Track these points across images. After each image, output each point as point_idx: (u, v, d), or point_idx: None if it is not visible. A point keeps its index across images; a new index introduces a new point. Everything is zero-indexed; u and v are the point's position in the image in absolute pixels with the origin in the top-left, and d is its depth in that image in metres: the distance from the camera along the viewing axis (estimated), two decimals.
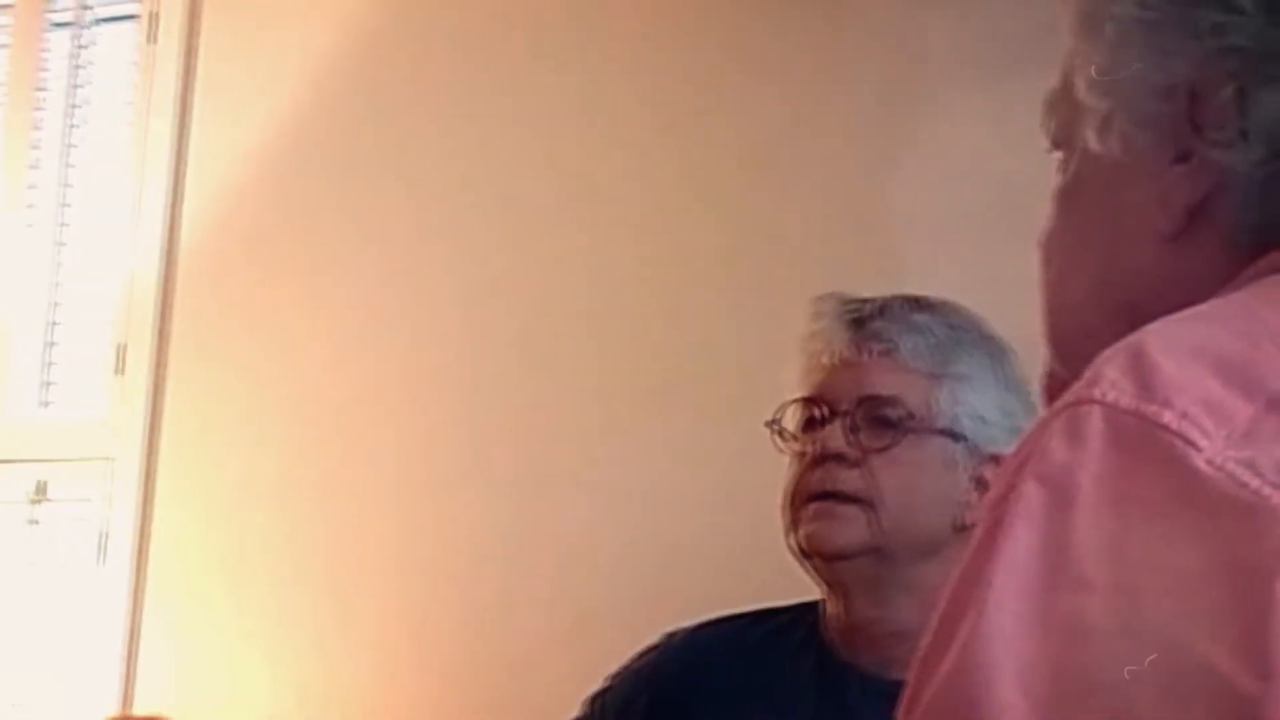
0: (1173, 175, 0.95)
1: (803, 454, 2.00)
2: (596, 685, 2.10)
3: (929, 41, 2.91)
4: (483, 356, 3.09)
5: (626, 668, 2.08)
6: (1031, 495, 0.78)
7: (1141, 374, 0.78)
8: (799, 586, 2.04)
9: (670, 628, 2.10)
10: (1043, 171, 1.07)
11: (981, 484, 1.95)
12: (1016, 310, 1.12)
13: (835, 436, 1.97)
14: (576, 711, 2.09)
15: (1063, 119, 1.03)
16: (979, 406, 1.99)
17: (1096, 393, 0.79)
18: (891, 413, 1.97)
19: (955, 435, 1.98)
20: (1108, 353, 0.81)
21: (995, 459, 1.94)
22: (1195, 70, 0.94)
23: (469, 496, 3.06)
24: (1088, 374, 0.81)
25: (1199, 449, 0.75)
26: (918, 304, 2.04)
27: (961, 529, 1.93)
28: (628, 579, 2.92)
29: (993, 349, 2.03)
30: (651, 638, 2.10)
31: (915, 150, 2.90)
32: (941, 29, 2.87)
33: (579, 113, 3.10)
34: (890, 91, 2.94)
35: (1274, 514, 0.73)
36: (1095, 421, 0.78)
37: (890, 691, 0.80)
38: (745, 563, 2.62)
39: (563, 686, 2.14)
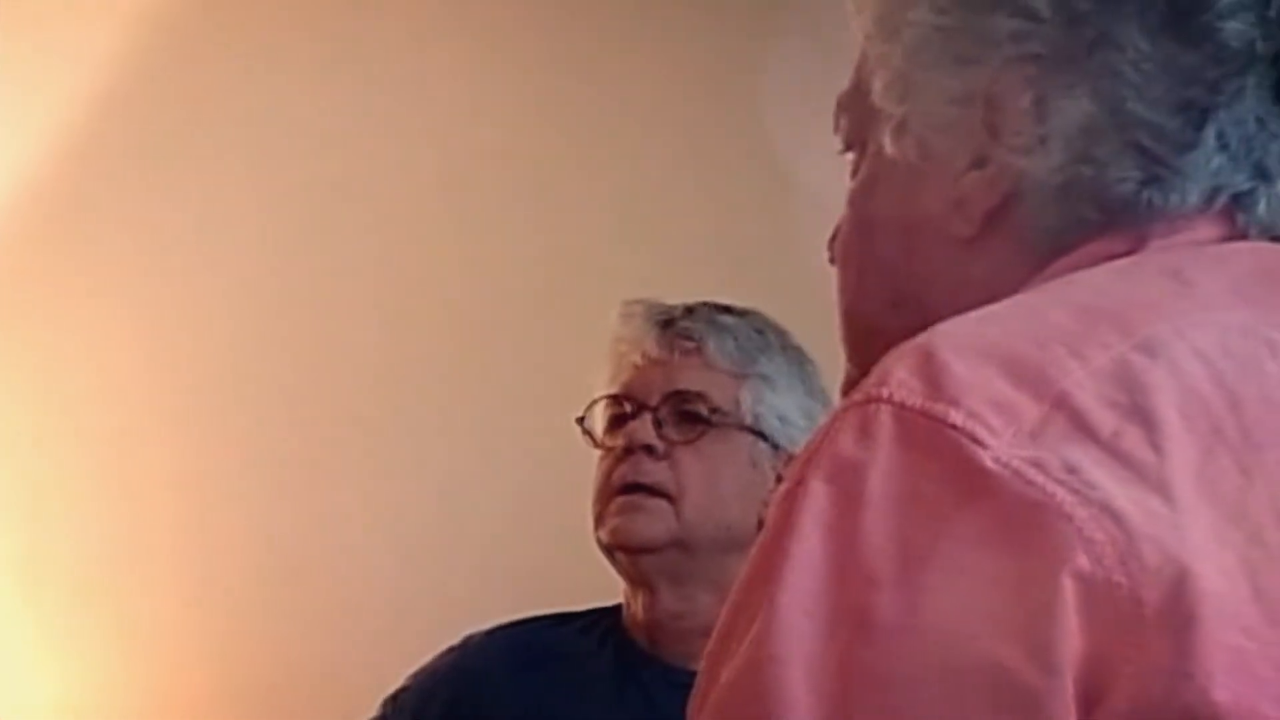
0: (969, 180, 0.94)
1: (610, 449, 2.02)
2: (394, 686, 2.09)
3: (743, 44, 2.94)
4: (276, 357, 3.03)
5: (425, 668, 2.08)
6: (820, 493, 0.77)
7: (930, 373, 0.78)
8: (602, 590, 2.05)
9: (470, 630, 2.09)
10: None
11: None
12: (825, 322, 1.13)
13: (642, 429, 1.99)
14: (374, 712, 2.08)
15: (855, 121, 1.02)
16: (782, 407, 2.02)
17: (885, 391, 0.78)
18: (698, 407, 2.00)
19: (759, 433, 2.00)
20: (897, 351, 0.81)
21: None
22: (993, 77, 0.93)
23: (265, 499, 3.00)
24: (877, 371, 0.80)
25: (986, 447, 0.75)
26: (725, 309, 2.07)
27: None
28: (428, 581, 2.89)
29: (796, 357, 2.06)
30: (451, 640, 2.09)
31: (735, 156, 2.94)
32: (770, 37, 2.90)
33: (378, 112, 3.05)
34: (714, 96, 2.98)
35: (1059, 511, 0.74)
36: (884, 420, 0.77)
37: (690, 683, 0.79)
38: (547, 568, 2.62)
39: (360, 689, 2.13)
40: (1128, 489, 0.75)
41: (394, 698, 2.08)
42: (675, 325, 2.03)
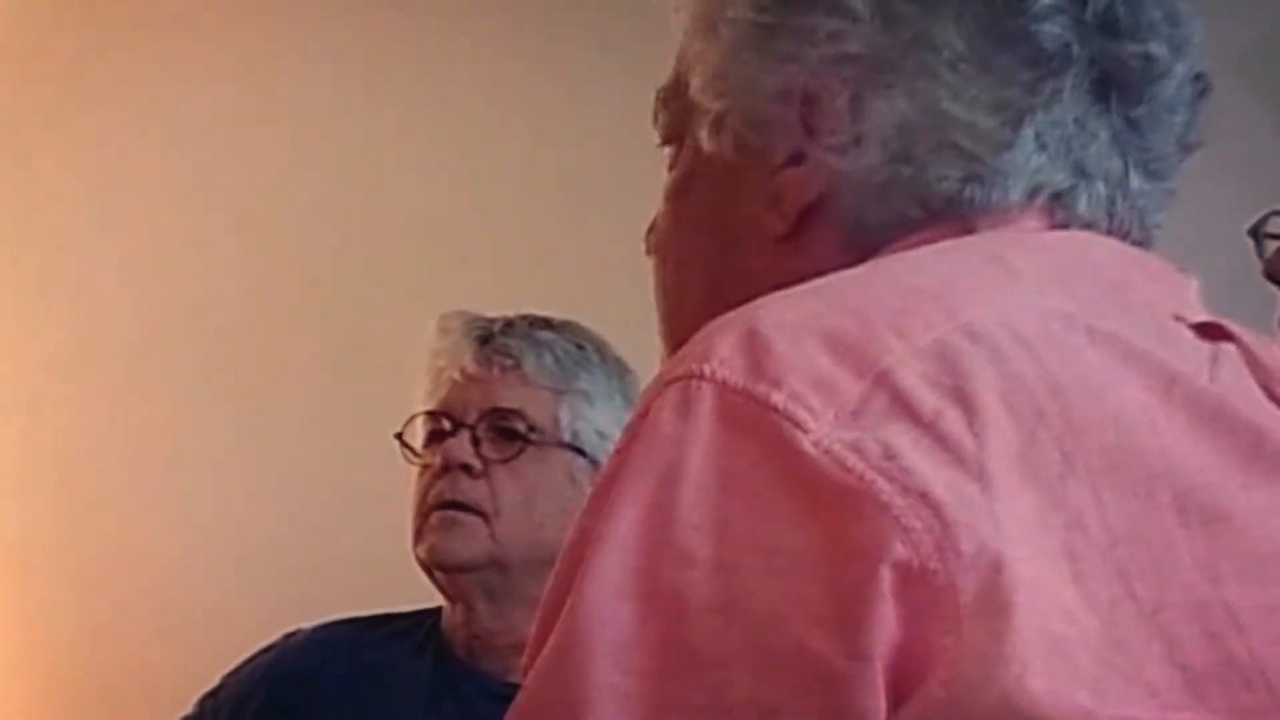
0: (785, 177, 0.93)
1: (428, 466, 2.01)
2: (210, 685, 2.06)
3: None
4: (104, 355, 2.99)
5: (242, 666, 2.06)
6: (638, 470, 0.76)
7: (752, 352, 0.77)
8: (422, 593, 2.03)
9: (289, 629, 2.08)
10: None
11: None
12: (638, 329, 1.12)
13: (459, 447, 1.97)
14: (189, 710, 2.06)
15: (673, 116, 1.01)
16: (600, 422, 2.02)
17: (708, 369, 0.77)
18: (515, 425, 1.99)
19: (577, 450, 2.00)
20: (720, 322, 0.80)
21: None
22: (810, 75, 0.92)
23: (86, 498, 2.97)
24: (700, 342, 0.79)
25: (806, 431, 0.74)
26: (543, 323, 2.06)
27: None
28: (249, 581, 2.86)
29: (614, 369, 2.06)
30: (269, 638, 2.08)
31: (555, 165, 2.95)
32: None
33: (194, 106, 3.01)
34: (533, 104, 2.98)
35: (876, 500, 0.73)
36: (705, 398, 0.76)
37: (507, 694, 0.78)
38: (368, 568, 2.60)
39: (176, 687, 2.11)
40: (945, 474, 0.74)
41: (211, 695, 2.05)
42: (493, 341, 2.03)
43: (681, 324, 0.98)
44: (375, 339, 2.83)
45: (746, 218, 0.95)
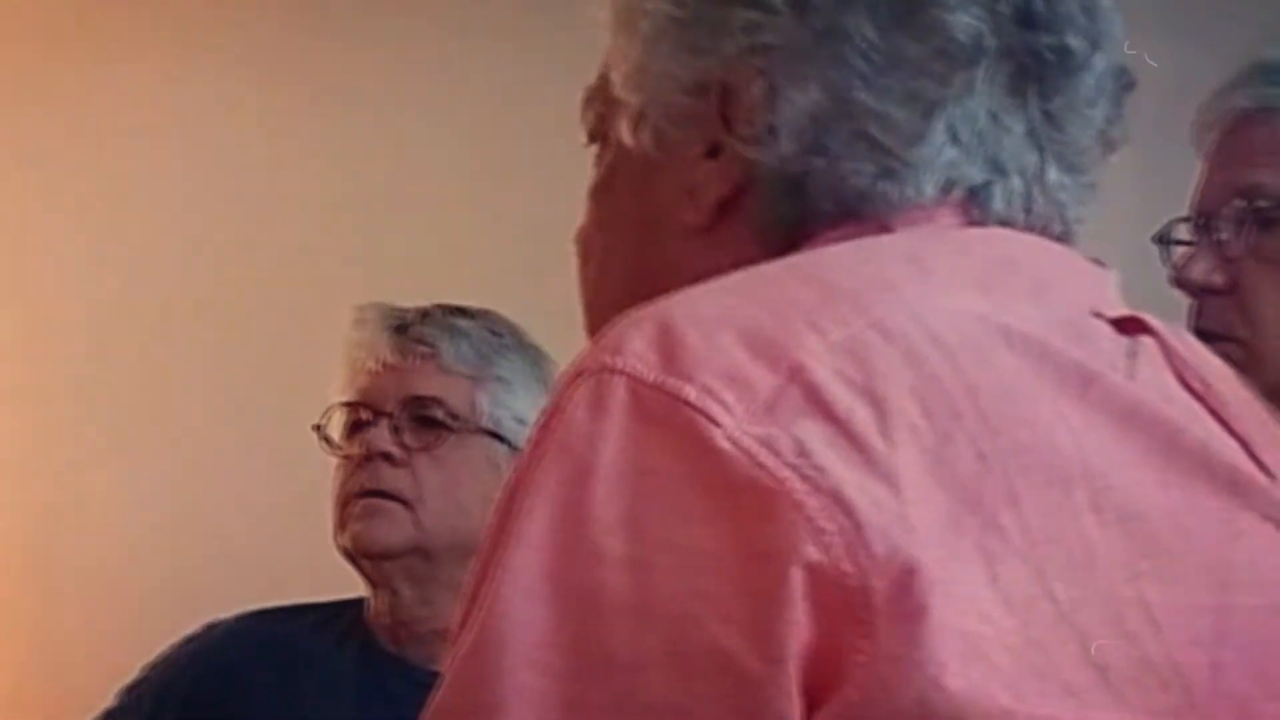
0: (702, 170, 0.93)
1: (349, 457, 2.00)
2: (132, 677, 2.05)
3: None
4: (17, 347, 2.99)
5: (164, 658, 2.04)
6: (551, 466, 0.75)
7: (666, 346, 0.76)
8: (346, 584, 2.03)
9: (210, 619, 2.07)
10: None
11: None
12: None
13: (381, 437, 1.97)
14: (110, 702, 2.04)
15: (599, 113, 1.00)
16: (519, 409, 2.01)
17: (621, 363, 0.76)
18: (435, 413, 1.99)
19: (497, 436, 2.00)
20: (635, 316, 0.79)
21: None
22: (726, 67, 0.92)
23: (8, 488, 2.96)
24: (613, 336, 0.78)
25: (719, 425, 0.74)
26: (460, 311, 2.06)
27: None
28: (168, 571, 2.85)
29: (532, 355, 2.06)
30: (190, 629, 2.07)
31: (470, 157, 2.94)
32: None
33: (126, 101, 2.99)
34: (447, 97, 2.97)
35: (790, 499, 0.73)
36: (619, 393, 0.76)
37: (432, 681, 0.78)
38: (289, 559, 2.59)
39: (97, 677, 2.10)
40: (857, 474, 0.74)
41: (132, 688, 2.04)
42: (410, 330, 2.02)
43: (603, 317, 0.96)
44: (291, 331, 2.82)
45: (665, 211, 0.95)
